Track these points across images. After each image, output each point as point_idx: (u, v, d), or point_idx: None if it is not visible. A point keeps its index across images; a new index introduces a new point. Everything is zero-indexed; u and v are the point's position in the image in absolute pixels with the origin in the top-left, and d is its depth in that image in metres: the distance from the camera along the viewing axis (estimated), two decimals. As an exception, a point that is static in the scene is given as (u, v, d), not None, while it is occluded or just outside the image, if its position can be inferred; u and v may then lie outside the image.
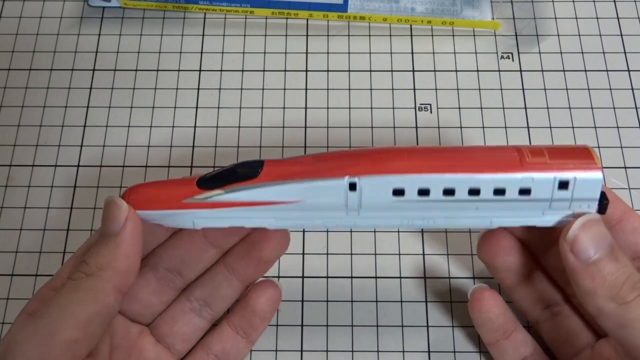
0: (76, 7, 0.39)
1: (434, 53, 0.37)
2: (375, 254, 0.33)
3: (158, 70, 0.37)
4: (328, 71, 0.37)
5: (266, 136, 0.35)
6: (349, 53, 0.38)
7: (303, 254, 0.33)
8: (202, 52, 0.38)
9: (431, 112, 0.36)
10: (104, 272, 0.23)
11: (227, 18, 0.39)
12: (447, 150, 0.24)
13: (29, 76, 0.37)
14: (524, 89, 0.36)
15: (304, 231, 0.33)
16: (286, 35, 0.38)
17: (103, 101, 0.36)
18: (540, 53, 0.37)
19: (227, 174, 0.25)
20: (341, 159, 0.24)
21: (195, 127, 0.36)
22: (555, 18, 0.38)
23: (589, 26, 0.38)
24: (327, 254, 0.33)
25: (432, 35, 0.38)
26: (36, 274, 0.32)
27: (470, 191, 0.23)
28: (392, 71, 0.37)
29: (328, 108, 0.36)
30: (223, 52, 0.38)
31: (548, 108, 0.36)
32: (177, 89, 0.37)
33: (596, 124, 0.35)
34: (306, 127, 0.36)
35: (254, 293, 0.28)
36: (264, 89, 0.37)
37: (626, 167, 0.34)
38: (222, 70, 0.37)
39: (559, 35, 0.38)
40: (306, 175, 0.24)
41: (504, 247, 0.27)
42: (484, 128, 0.35)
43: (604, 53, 0.37)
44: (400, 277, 0.32)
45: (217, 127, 0.36)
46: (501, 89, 0.36)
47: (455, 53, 0.37)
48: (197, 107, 0.36)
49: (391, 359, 0.30)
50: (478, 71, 0.37)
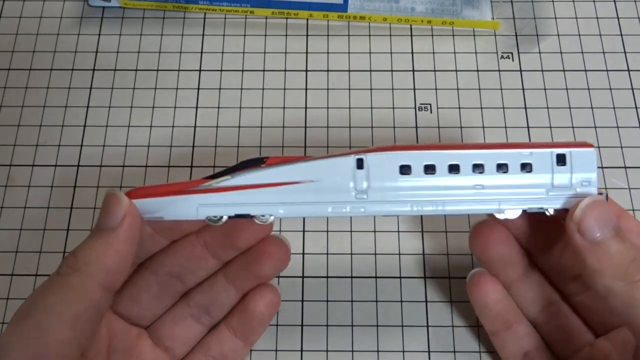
0: (76, 7, 0.39)
1: (434, 53, 0.37)
2: (375, 254, 0.33)
3: (158, 70, 0.37)
4: (328, 71, 0.37)
5: (266, 136, 0.35)
6: (349, 53, 0.38)
7: (303, 254, 0.33)
8: (202, 52, 0.38)
9: (431, 112, 0.36)
10: (91, 268, 0.22)
11: (227, 18, 0.39)
12: (451, 145, 0.25)
13: (29, 76, 0.37)
14: (524, 89, 0.36)
15: (304, 231, 0.33)
16: (286, 35, 0.38)
17: (103, 101, 0.36)
18: (540, 53, 0.37)
19: (234, 167, 0.25)
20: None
21: (195, 127, 0.36)
22: (555, 18, 0.38)
23: (589, 26, 0.38)
24: (327, 254, 0.33)
25: (432, 35, 0.38)
26: (36, 274, 0.32)
27: (474, 167, 0.24)
28: (392, 71, 0.37)
29: (328, 108, 0.36)
30: (223, 52, 0.38)
31: (548, 108, 0.36)
32: (177, 89, 0.37)
33: (596, 124, 0.35)
34: (306, 127, 0.36)
35: (253, 297, 0.28)
36: (264, 89, 0.37)
37: (626, 167, 0.34)
38: (222, 70, 0.37)
39: (559, 35, 0.38)
40: (313, 159, 0.24)
41: (496, 238, 0.27)
42: (484, 128, 0.35)
43: (604, 53, 0.37)
44: (400, 277, 0.32)
45: (217, 127, 0.36)
46: (501, 88, 0.36)
47: (455, 53, 0.37)
48: (197, 107, 0.36)
49: (391, 359, 0.30)
50: (478, 71, 0.37)
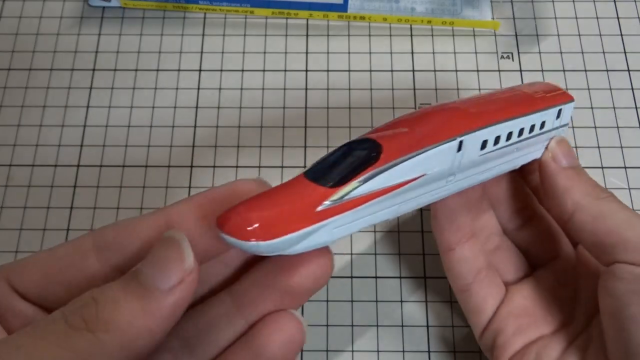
0: (76, 7, 0.39)
1: (434, 53, 0.37)
2: (375, 254, 0.33)
3: (158, 70, 0.37)
4: (328, 71, 0.37)
5: (266, 136, 0.35)
6: (349, 53, 0.38)
7: (303, 254, 0.33)
8: (202, 52, 0.38)
9: (431, 112, 0.36)
10: (110, 337, 0.16)
11: (227, 18, 0.39)
12: (488, 101, 0.25)
13: (29, 76, 0.37)
14: (524, 89, 0.36)
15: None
16: (286, 35, 0.38)
17: (103, 101, 0.36)
18: (540, 53, 0.37)
19: (345, 160, 0.19)
20: (433, 118, 0.22)
21: (195, 127, 0.36)
22: (555, 18, 0.38)
23: (589, 26, 0.38)
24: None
25: (432, 35, 0.38)
26: (36, 274, 0.32)
27: (519, 132, 0.25)
28: (392, 71, 0.37)
29: (328, 108, 0.36)
30: (223, 52, 0.38)
31: (548, 108, 0.36)
32: (177, 89, 0.37)
33: (596, 124, 0.35)
34: (306, 127, 0.36)
35: (264, 328, 0.19)
36: (264, 89, 0.37)
37: (626, 167, 0.34)
38: (222, 70, 0.37)
39: (559, 35, 0.38)
40: (420, 144, 0.20)
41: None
42: (484, 128, 0.35)
43: (604, 53, 0.37)
44: (400, 277, 0.32)
45: (217, 127, 0.36)
46: (501, 89, 0.36)
47: (455, 53, 0.38)
48: (197, 107, 0.36)
49: (391, 359, 0.30)
50: (478, 71, 0.37)
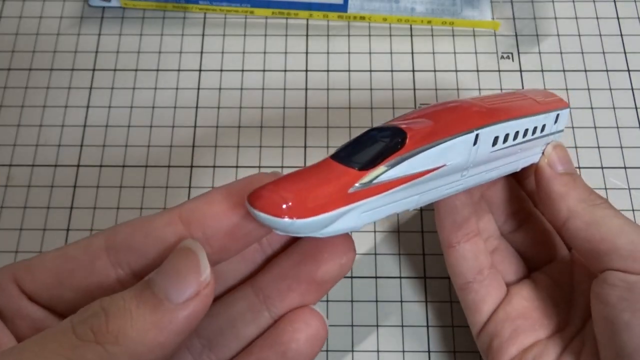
0: (76, 7, 0.39)
1: (434, 53, 0.37)
2: (375, 254, 0.33)
3: (158, 70, 0.37)
4: (328, 71, 0.37)
5: (266, 136, 0.35)
6: (349, 53, 0.38)
7: (303, 254, 0.33)
8: (202, 52, 0.38)
9: (431, 112, 0.36)
10: (120, 350, 0.15)
11: (227, 18, 0.39)
12: (498, 100, 0.25)
13: (29, 76, 0.37)
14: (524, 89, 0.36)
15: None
16: (286, 35, 0.38)
17: (103, 101, 0.36)
18: (540, 53, 0.37)
19: (372, 145, 0.19)
20: (453, 111, 0.22)
21: (195, 127, 0.36)
22: (555, 18, 0.38)
23: (589, 26, 0.38)
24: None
25: (432, 35, 0.38)
26: (36, 274, 0.32)
27: (524, 132, 0.25)
28: (392, 71, 0.37)
29: (328, 108, 0.36)
30: (223, 52, 0.38)
31: (548, 108, 0.36)
32: (177, 89, 0.37)
33: (596, 124, 0.35)
34: (306, 127, 0.36)
35: (289, 324, 0.19)
36: (264, 89, 0.37)
37: (626, 167, 0.34)
38: (222, 70, 0.37)
39: (559, 35, 0.38)
40: (442, 134, 0.20)
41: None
42: (484, 128, 0.35)
43: (604, 53, 0.37)
44: (400, 277, 0.32)
45: (217, 127, 0.36)
46: (501, 89, 0.36)
47: (455, 53, 0.37)
48: (197, 107, 0.36)
49: (391, 359, 0.30)
50: (478, 71, 0.37)
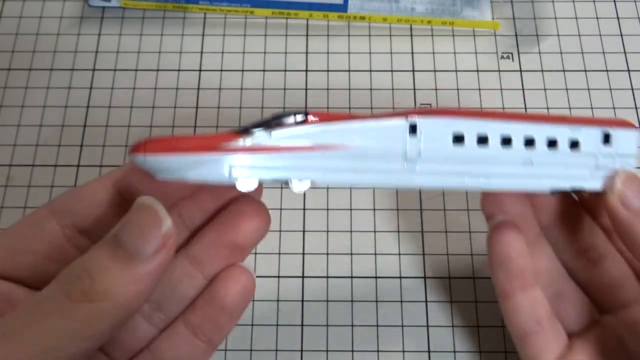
0: (76, 7, 0.39)
1: (434, 53, 0.38)
2: (375, 254, 0.33)
3: (158, 70, 0.37)
4: (328, 71, 0.37)
5: (266, 136, 0.35)
6: (349, 53, 0.38)
7: (303, 254, 0.33)
8: (202, 52, 0.38)
9: (431, 112, 0.36)
10: (108, 304, 0.18)
11: (227, 18, 0.39)
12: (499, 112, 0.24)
13: (29, 76, 0.37)
14: (524, 89, 0.36)
15: (304, 231, 0.33)
16: (286, 35, 0.38)
17: (103, 101, 0.36)
18: (540, 53, 0.37)
19: (269, 121, 0.21)
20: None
21: (195, 127, 0.36)
22: (555, 18, 0.38)
23: (589, 26, 0.38)
24: (327, 254, 0.33)
25: (432, 35, 0.38)
26: (36, 274, 0.32)
27: (526, 142, 0.23)
28: (392, 71, 0.37)
29: (328, 108, 0.36)
30: (223, 52, 0.38)
31: (548, 108, 0.36)
32: (177, 89, 0.37)
33: (596, 124, 0.35)
34: (306, 127, 0.36)
35: (223, 283, 0.22)
36: (264, 89, 0.37)
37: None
38: (222, 70, 0.37)
39: (559, 35, 0.38)
40: (364, 119, 0.22)
41: (509, 195, 0.25)
42: (484, 128, 0.35)
43: (604, 53, 0.37)
44: (400, 277, 0.32)
45: (217, 127, 0.36)
46: (501, 89, 0.36)
47: (455, 53, 0.38)
48: (197, 107, 0.36)
49: (391, 359, 0.30)
50: (478, 71, 0.37)
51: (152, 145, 0.20)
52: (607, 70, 0.37)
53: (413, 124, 0.22)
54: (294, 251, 0.33)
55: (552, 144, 0.23)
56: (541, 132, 0.23)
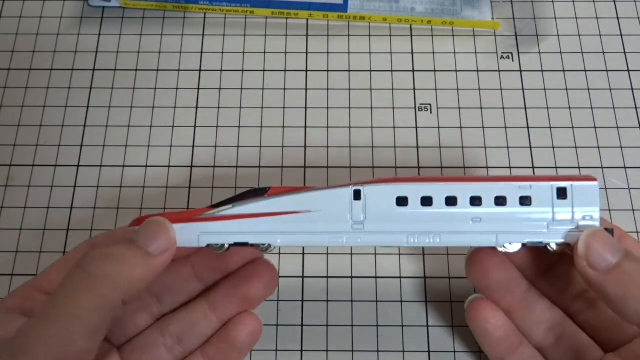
0: (76, 7, 0.39)
1: (434, 53, 0.37)
2: (375, 254, 0.33)
3: (158, 70, 0.37)
4: (328, 71, 0.37)
5: (266, 136, 0.35)
6: (349, 53, 0.38)
7: (303, 254, 0.33)
8: (202, 52, 0.38)
9: (431, 112, 0.36)
10: (121, 281, 0.22)
11: (227, 18, 0.39)
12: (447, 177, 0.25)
13: (29, 76, 0.37)
14: (524, 89, 0.36)
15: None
16: (286, 35, 0.38)
17: (103, 101, 0.36)
18: (540, 53, 0.37)
19: (236, 196, 0.26)
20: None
21: (195, 127, 0.36)
22: (555, 18, 0.38)
23: (589, 26, 0.38)
24: (327, 254, 0.33)
25: (432, 35, 0.38)
26: (36, 274, 0.32)
27: (472, 200, 0.24)
28: (392, 71, 0.37)
29: (328, 108, 0.36)
30: (223, 52, 0.38)
31: (548, 108, 0.36)
32: (177, 88, 0.37)
33: (596, 124, 0.35)
34: (306, 127, 0.36)
35: (235, 326, 0.27)
36: (264, 89, 0.37)
37: (626, 167, 0.34)
38: (222, 70, 0.37)
39: (559, 35, 0.38)
40: (313, 190, 0.25)
41: (493, 264, 0.26)
42: (484, 128, 0.35)
43: (604, 53, 0.37)
44: (400, 277, 0.32)
45: (217, 127, 0.36)
46: (501, 89, 0.36)
47: (455, 53, 0.37)
48: (197, 107, 0.36)
49: (391, 359, 0.30)
50: (478, 71, 0.37)
51: (142, 220, 0.25)
52: (607, 70, 0.37)
53: (357, 190, 0.25)
54: (294, 251, 0.33)
55: (500, 201, 0.24)
56: (487, 190, 0.24)
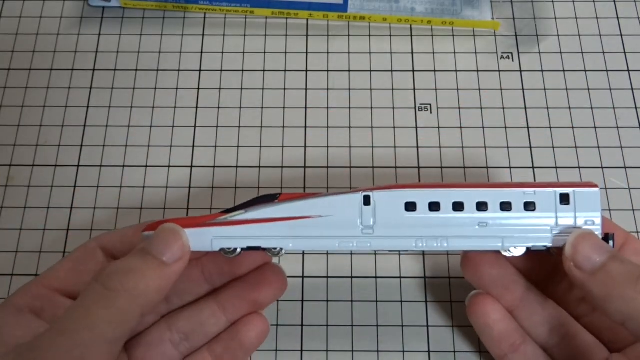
0: (76, 7, 0.39)
1: (434, 53, 0.37)
2: (375, 254, 0.33)
3: (158, 70, 0.37)
4: (328, 71, 0.37)
5: (266, 136, 0.35)
6: (349, 53, 0.38)
7: (303, 254, 0.33)
8: (202, 52, 0.38)
9: (431, 112, 0.36)
10: (139, 294, 0.22)
11: (227, 18, 0.39)
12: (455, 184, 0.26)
13: (29, 76, 0.37)
14: (524, 89, 0.36)
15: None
16: (286, 35, 0.38)
17: (103, 101, 0.36)
18: (540, 53, 0.37)
19: (248, 202, 0.26)
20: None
21: (195, 127, 0.36)
22: (555, 18, 0.38)
23: (589, 26, 0.38)
24: (327, 253, 0.33)
25: (432, 35, 0.38)
26: (36, 274, 0.32)
27: (478, 206, 0.25)
28: (392, 71, 0.37)
29: (328, 108, 0.36)
30: (223, 52, 0.38)
31: (548, 108, 0.36)
32: (177, 88, 0.37)
33: (596, 124, 0.35)
34: (306, 127, 0.36)
35: (245, 325, 0.28)
36: (264, 89, 0.37)
37: (626, 167, 0.34)
38: (222, 70, 0.37)
39: (559, 35, 0.38)
40: (323, 196, 0.26)
41: (485, 260, 0.27)
42: (484, 128, 0.35)
43: (604, 53, 0.37)
44: (400, 277, 0.32)
45: (217, 127, 0.36)
46: (501, 89, 0.36)
47: (455, 53, 0.37)
48: (197, 107, 0.36)
49: (391, 359, 0.30)
50: (478, 71, 0.37)
51: (159, 225, 0.25)
52: (607, 70, 0.37)
53: (366, 195, 0.25)
54: (295, 252, 0.32)
55: (505, 206, 0.25)
56: (493, 196, 0.25)
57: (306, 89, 0.37)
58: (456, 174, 0.34)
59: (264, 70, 0.37)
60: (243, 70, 0.37)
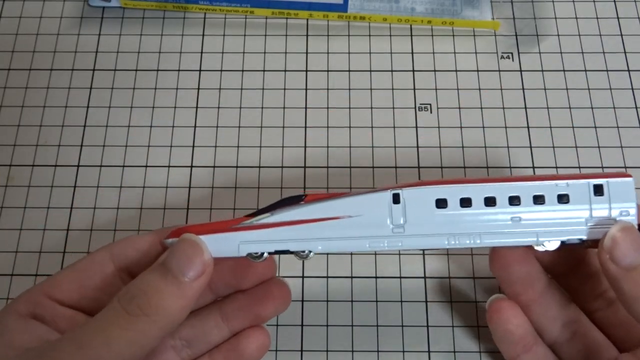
0: (76, 7, 0.39)
1: (434, 53, 0.37)
2: (375, 253, 0.33)
3: (158, 70, 0.37)
4: (328, 71, 0.37)
5: (266, 136, 0.35)
6: (349, 53, 0.38)
7: (303, 254, 0.33)
8: (202, 52, 0.38)
9: (431, 112, 0.36)
10: (160, 318, 0.22)
11: (227, 18, 0.39)
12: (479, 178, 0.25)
13: (29, 76, 0.37)
14: (524, 89, 0.36)
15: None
16: (286, 35, 0.38)
17: (103, 101, 0.36)
18: (540, 53, 0.37)
19: (274, 204, 0.25)
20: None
21: (195, 127, 0.36)
22: (555, 18, 0.38)
23: (589, 26, 0.38)
24: (327, 254, 0.33)
25: (432, 35, 0.38)
26: (36, 274, 0.32)
27: (510, 200, 0.24)
28: (392, 71, 0.37)
29: (328, 108, 0.36)
30: (223, 52, 0.38)
31: (548, 108, 0.36)
32: (177, 88, 0.37)
33: (596, 124, 0.35)
34: (306, 127, 0.36)
35: (246, 337, 0.28)
36: (264, 89, 0.37)
37: (626, 167, 0.34)
38: (222, 70, 0.37)
39: (559, 35, 0.38)
40: (350, 195, 0.25)
41: (516, 257, 0.26)
42: (484, 128, 0.35)
43: (604, 53, 0.37)
44: (400, 277, 0.32)
45: (217, 127, 0.36)
46: (501, 89, 0.36)
47: (455, 53, 0.37)
48: (197, 107, 0.36)
49: (391, 359, 0.30)
50: (478, 71, 0.37)
51: (182, 231, 0.24)
52: (607, 70, 0.37)
53: (396, 193, 0.25)
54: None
55: (538, 199, 0.24)
56: (525, 190, 0.24)
57: (306, 89, 0.37)
58: (456, 174, 0.34)
59: (264, 70, 0.37)
60: (243, 70, 0.37)
